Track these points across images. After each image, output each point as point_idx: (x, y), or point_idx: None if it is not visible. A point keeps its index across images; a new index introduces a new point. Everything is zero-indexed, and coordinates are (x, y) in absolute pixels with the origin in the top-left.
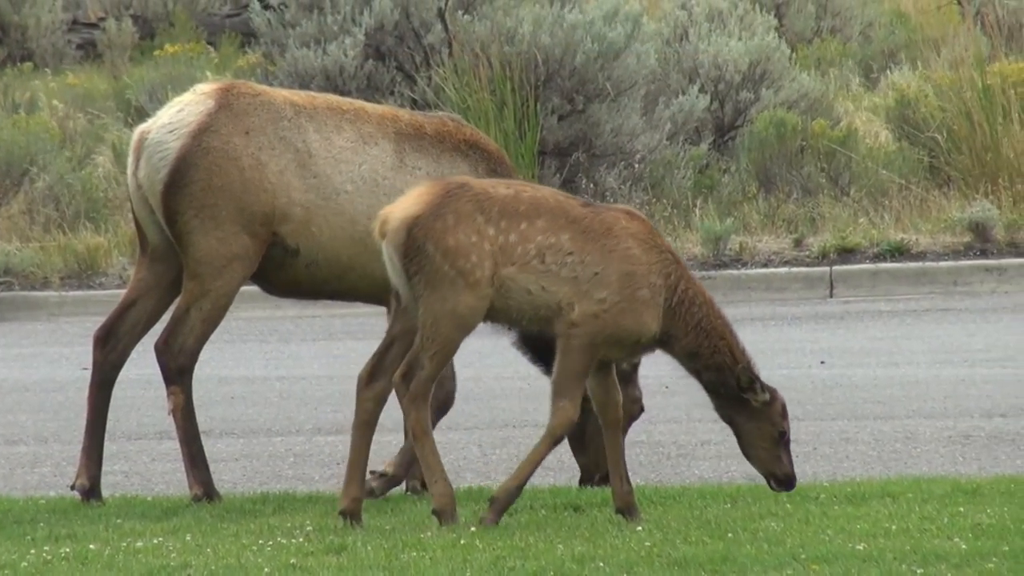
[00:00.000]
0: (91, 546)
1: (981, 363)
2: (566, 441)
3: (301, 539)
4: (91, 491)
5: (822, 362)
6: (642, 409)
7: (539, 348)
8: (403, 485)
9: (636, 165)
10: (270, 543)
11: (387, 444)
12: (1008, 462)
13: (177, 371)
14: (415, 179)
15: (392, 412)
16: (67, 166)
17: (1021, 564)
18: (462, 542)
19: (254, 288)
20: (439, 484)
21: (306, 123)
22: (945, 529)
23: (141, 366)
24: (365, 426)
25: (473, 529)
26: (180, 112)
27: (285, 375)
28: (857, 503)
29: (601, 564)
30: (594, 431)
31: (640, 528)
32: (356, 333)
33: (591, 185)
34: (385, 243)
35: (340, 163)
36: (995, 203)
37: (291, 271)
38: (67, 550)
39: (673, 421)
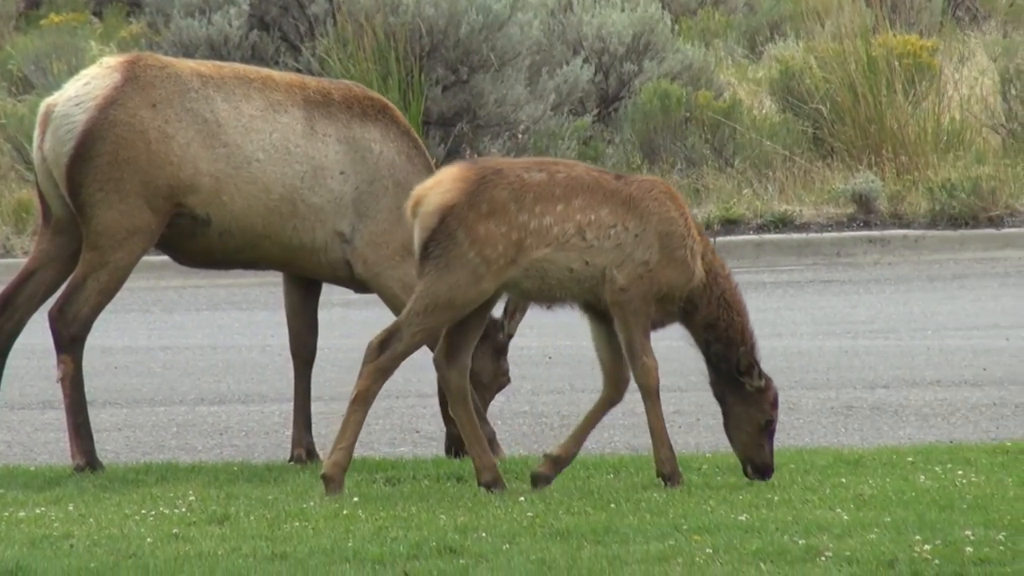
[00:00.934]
0: None
1: (864, 334)
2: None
3: (184, 509)
4: None
5: None
6: (509, 380)
7: None
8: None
9: (520, 136)
10: (152, 513)
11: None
12: (890, 433)
13: (69, 339)
14: (326, 145)
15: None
16: None
17: (903, 535)
18: (344, 512)
19: None
20: (342, 452)
21: (214, 93)
22: (827, 500)
23: (25, 336)
24: (464, 400)
25: (356, 499)
26: (87, 85)
27: (168, 345)
28: (740, 474)
29: (484, 534)
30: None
31: (523, 498)
32: (240, 303)
33: (475, 156)
34: (415, 224)
35: (250, 132)
36: (878, 174)
37: (204, 241)
38: None
39: (556, 392)
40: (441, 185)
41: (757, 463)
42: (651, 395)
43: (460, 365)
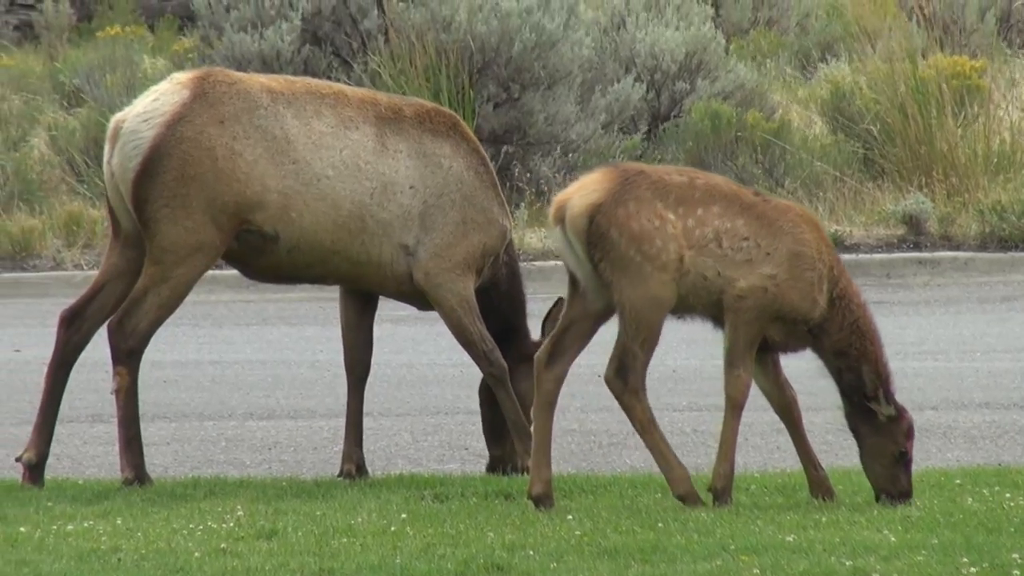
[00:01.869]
0: (22, 528)
1: (913, 356)
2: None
3: (232, 524)
4: (36, 467)
5: None
6: None
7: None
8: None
9: (571, 154)
10: (201, 527)
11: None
12: (938, 455)
13: (127, 352)
14: (397, 161)
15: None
16: (2, 148)
17: (950, 557)
18: (392, 529)
19: None
20: (676, 469)
21: (284, 109)
22: (875, 521)
23: None
24: (548, 407)
25: (404, 516)
26: (155, 101)
27: (218, 359)
28: (787, 494)
29: (531, 552)
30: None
31: (571, 516)
32: (289, 318)
33: (526, 174)
34: (564, 229)
35: (320, 148)
36: (929, 196)
37: (272, 256)
38: None
39: (605, 410)
40: (585, 188)
41: (892, 495)
42: (735, 408)
43: (558, 371)
